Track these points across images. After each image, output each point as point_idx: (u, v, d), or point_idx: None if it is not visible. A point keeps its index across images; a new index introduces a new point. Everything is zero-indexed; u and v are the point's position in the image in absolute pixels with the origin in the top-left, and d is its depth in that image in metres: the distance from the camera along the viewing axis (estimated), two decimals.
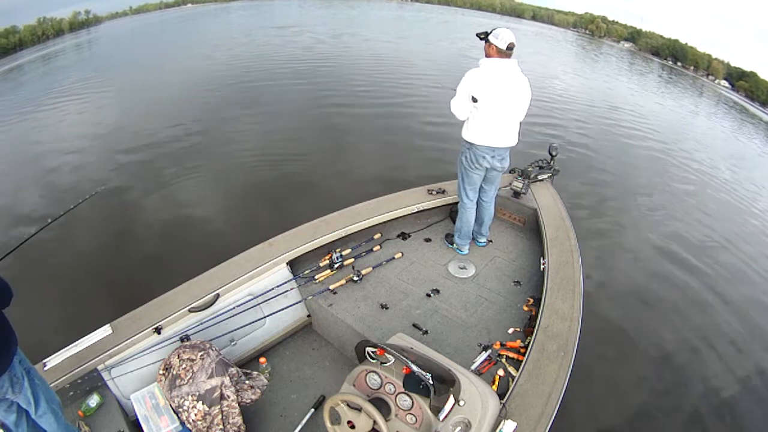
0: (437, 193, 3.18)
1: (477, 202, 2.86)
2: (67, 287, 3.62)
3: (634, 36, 42.80)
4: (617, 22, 45.44)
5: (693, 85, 24.05)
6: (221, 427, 1.82)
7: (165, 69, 12.43)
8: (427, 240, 3.07)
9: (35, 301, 3.29)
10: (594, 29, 44.22)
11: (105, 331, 1.99)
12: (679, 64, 37.15)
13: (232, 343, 2.33)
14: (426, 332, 2.27)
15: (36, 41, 29.80)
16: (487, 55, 2.46)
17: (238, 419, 1.87)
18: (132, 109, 8.52)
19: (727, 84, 34.63)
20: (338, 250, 2.70)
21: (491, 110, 2.49)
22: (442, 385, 1.50)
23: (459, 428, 1.48)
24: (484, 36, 2.46)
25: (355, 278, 2.58)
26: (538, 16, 50.86)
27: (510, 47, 2.40)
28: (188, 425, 1.81)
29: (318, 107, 8.27)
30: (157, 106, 8.58)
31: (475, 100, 2.47)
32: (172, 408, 1.85)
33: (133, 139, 6.73)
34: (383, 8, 38.43)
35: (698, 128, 12.36)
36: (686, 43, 38.53)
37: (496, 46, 2.40)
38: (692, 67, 36.66)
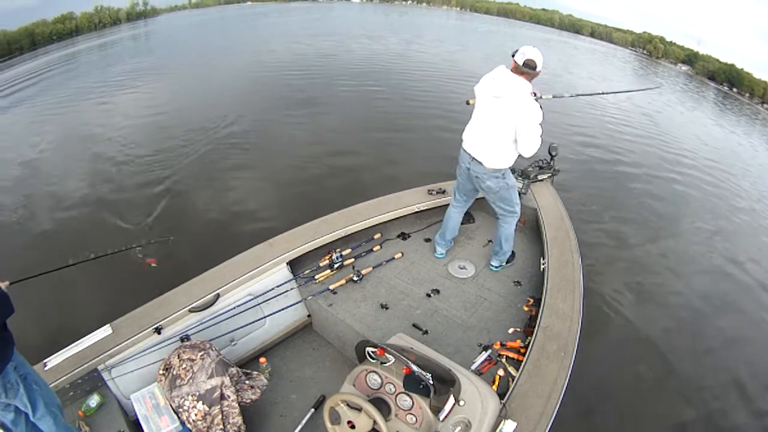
0: (437, 193, 3.18)
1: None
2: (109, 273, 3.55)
3: (691, 59, 41.26)
4: (674, 44, 43.95)
5: (746, 112, 22.72)
6: (221, 427, 1.82)
7: (222, 65, 12.59)
8: (427, 240, 3.06)
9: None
10: (652, 49, 42.91)
11: (105, 331, 2.00)
12: (734, 90, 35.04)
13: (232, 343, 2.33)
14: (426, 332, 2.27)
15: (92, 29, 29.70)
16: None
17: (238, 419, 1.87)
18: (187, 103, 8.74)
19: None
20: (338, 250, 2.70)
21: (475, 111, 2.46)
22: (442, 385, 1.50)
23: (459, 428, 1.48)
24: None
25: (355, 278, 2.58)
26: (597, 33, 49.63)
27: (527, 63, 2.18)
28: (188, 425, 1.81)
29: (370, 109, 8.38)
30: (211, 100, 8.79)
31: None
32: (172, 408, 1.85)
33: (184, 130, 6.95)
34: (443, 16, 38.91)
35: (747, 155, 11.67)
36: (742, 69, 36.79)
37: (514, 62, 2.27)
38: (747, 94, 34.52)
